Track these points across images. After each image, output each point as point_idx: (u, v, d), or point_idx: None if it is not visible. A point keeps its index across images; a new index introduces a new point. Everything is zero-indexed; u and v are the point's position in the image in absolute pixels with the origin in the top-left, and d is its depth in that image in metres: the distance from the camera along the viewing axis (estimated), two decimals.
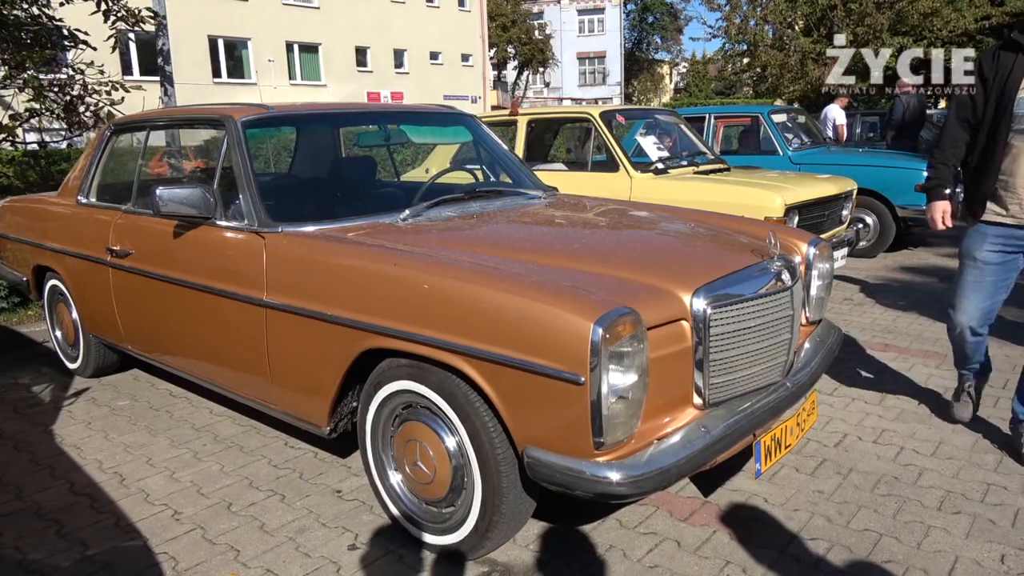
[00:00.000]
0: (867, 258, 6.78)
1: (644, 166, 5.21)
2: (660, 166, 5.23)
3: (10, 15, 5.50)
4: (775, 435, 2.19)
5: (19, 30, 5.62)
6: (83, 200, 3.60)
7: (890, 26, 13.81)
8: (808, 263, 2.57)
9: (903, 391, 3.47)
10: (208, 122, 3.04)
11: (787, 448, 2.28)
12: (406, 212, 2.66)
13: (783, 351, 2.24)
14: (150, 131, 3.49)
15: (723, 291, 2.04)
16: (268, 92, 24.23)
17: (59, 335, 4.05)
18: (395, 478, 2.31)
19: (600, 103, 29.78)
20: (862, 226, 6.75)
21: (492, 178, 3.57)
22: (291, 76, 26.97)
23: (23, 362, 4.29)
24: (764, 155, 7.05)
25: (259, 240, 2.52)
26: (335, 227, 2.53)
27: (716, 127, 7.67)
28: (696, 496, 2.53)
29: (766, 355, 2.17)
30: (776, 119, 7.25)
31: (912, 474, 2.66)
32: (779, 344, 2.21)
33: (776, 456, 2.21)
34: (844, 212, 5.51)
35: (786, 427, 2.25)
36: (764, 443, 2.13)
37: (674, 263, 2.27)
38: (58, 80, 6.09)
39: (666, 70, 51.01)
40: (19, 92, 5.81)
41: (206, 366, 2.93)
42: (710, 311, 1.98)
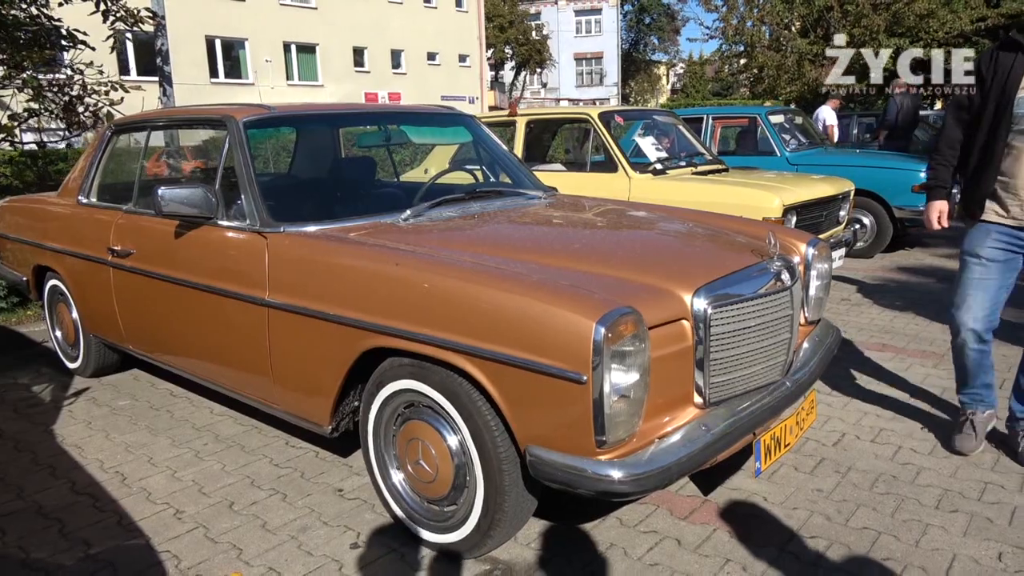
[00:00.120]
0: (864, 258, 6.80)
1: (642, 167, 5.22)
2: (658, 167, 5.24)
3: (9, 15, 5.49)
4: (775, 434, 2.21)
5: (18, 30, 5.61)
6: (84, 200, 3.61)
7: (886, 27, 13.86)
8: (807, 263, 2.58)
9: (901, 391, 3.49)
10: (209, 122, 3.06)
11: (786, 447, 2.30)
12: (407, 212, 2.68)
13: (783, 350, 2.25)
14: (151, 131, 3.50)
15: (723, 291, 2.06)
16: (266, 92, 24.19)
17: (59, 335, 4.05)
18: (397, 477, 2.32)
19: (597, 104, 29.79)
20: (859, 227, 6.76)
21: (492, 178, 3.58)
22: (288, 76, 26.97)
23: (23, 362, 4.29)
24: (761, 156, 7.06)
25: (261, 240, 2.53)
26: (337, 227, 2.54)
27: (714, 128, 7.70)
28: (696, 494, 2.55)
29: (766, 354, 2.18)
30: (774, 120, 7.28)
31: (910, 473, 2.67)
32: (779, 343, 2.23)
33: (776, 455, 2.23)
34: (841, 213, 5.53)
35: (785, 426, 2.27)
36: (764, 442, 2.15)
37: (674, 263, 2.29)
38: (57, 80, 6.08)
39: (663, 71, 51.14)
40: (18, 92, 5.80)
41: (208, 366, 2.94)
42: (711, 311, 1.99)
